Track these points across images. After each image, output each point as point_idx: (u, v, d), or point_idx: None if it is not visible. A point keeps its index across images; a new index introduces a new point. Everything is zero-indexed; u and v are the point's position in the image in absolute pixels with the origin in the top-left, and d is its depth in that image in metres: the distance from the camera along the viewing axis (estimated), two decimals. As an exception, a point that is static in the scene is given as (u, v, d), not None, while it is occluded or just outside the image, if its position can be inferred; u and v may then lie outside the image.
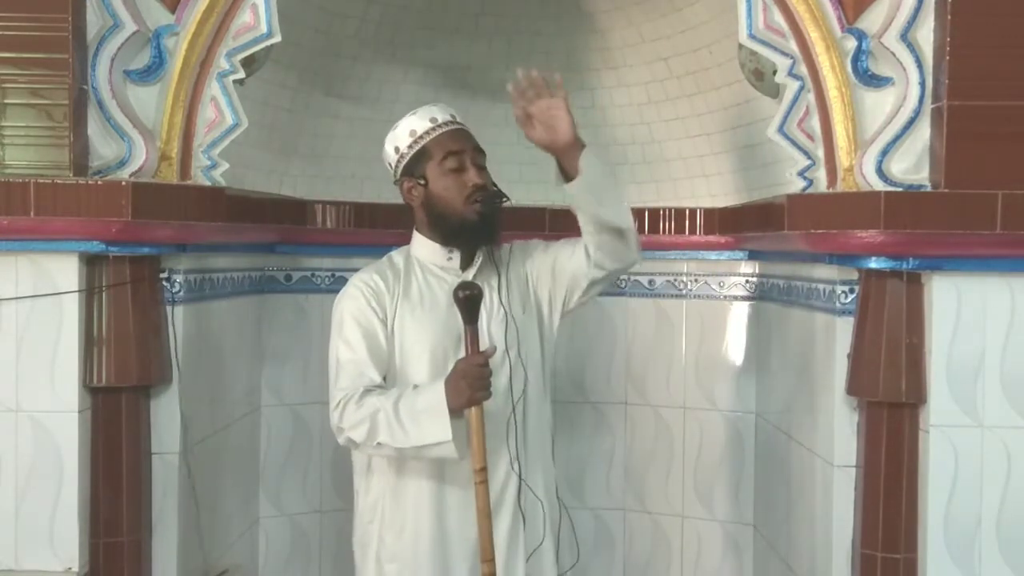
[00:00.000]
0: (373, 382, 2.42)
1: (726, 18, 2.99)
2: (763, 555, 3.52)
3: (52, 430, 2.61)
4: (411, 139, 2.54)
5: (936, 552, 2.56)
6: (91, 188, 2.52)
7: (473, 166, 2.50)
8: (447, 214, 2.50)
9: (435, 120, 2.54)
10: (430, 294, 2.52)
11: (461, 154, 2.50)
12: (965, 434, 2.54)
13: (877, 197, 2.48)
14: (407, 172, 2.55)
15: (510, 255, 2.63)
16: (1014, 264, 2.51)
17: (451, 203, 2.49)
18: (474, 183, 2.48)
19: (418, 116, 2.56)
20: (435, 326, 2.48)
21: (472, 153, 2.52)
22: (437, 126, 2.53)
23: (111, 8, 2.61)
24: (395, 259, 2.61)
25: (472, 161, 2.51)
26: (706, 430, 3.72)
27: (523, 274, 2.62)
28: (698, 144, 3.63)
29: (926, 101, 2.54)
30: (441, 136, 2.52)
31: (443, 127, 2.54)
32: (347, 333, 2.46)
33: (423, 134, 2.53)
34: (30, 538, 2.61)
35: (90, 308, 2.66)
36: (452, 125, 2.55)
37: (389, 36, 3.57)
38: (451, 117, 2.57)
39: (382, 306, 2.49)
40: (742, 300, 3.65)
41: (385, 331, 2.47)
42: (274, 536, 3.66)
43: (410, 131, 2.54)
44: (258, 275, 3.55)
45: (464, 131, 2.56)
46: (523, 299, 2.59)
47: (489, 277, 2.54)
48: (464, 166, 2.49)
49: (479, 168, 2.51)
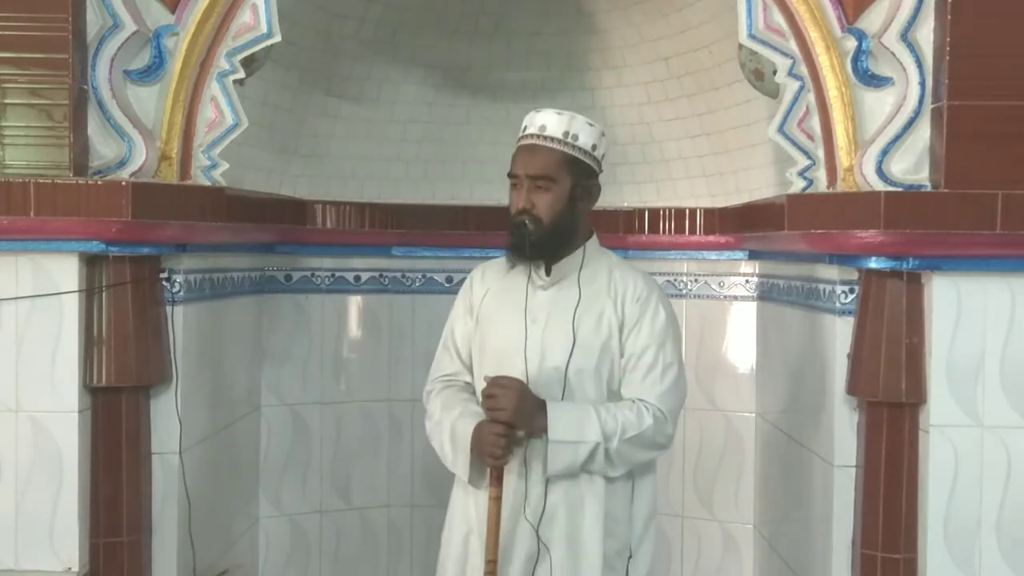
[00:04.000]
0: (446, 373, 2.62)
1: (726, 18, 2.99)
2: (763, 555, 3.52)
3: (52, 430, 2.60)
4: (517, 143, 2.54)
5: (936, 552, 2.55)
6: (91, 188, 2.52)
7: (525, 190, 2.46)
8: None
9: (525, 128, 2.52)
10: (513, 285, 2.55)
11: (516, 178, 2.48)
12: (965, 434, 2.54)
13: (877, 197, 2.48)
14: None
15: (612, 275, 2.54)
16: (1014, 264, 2.51)
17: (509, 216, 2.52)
18: (516, 208, 2.47)
19: (528, 117, 2.54)
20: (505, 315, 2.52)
21: (526, 179, 2.46)
22: (524, 136, 2.51)
23: (111, 8, 2.61)
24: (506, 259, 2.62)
25: (526, 186, 2.46)
26: (706, 430, 3.72)
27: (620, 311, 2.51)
28: (698, 144, 3.63)
29: (926, 101, 2.54)
30: (518, 148, 2.52)
31: (527, 139, 2.50)
32: (449, 320, 2.67)
33: (519, 139, 2.53)
34: (30, 538, 2.61)
35: (90, 308, 2.65)
36: (532, 139, 2.49)
37: (389, 36, 3.57)
38: (538, 130, 2.49)
39: (471, 297, 2.61)
40: (742, 300, 3.65)
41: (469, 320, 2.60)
42: (274, 536, 3.67)
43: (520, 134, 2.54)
44: (258, 275, 3.55)
45: (535, 149, 2.48)
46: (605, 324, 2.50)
47: (568, 291, 2.51)
48: (519, 186, 2.48)
49: (536, 190, 2.45)
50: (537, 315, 2.49)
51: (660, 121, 3.70)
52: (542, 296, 2.51)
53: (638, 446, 2.44)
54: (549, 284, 2.52)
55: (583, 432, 2.38)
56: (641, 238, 3.73)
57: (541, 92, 3.73)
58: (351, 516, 3.82)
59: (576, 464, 2.40)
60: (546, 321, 2.48)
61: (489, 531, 2.37)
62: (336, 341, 3.78)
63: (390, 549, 3.87)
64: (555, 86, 3.74)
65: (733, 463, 3.68)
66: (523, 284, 2.54)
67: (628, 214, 3.75)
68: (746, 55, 2.99)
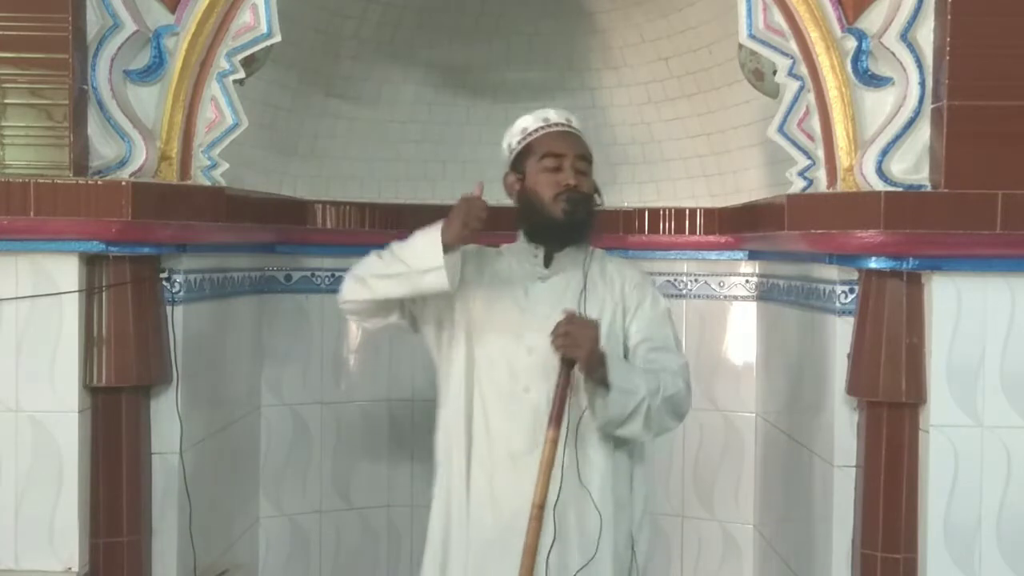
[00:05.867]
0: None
1: (726, 18, 2.99)
2: (763, 555, 3.52)
3: (52, 430, 2.60)
4: (521, 136, 2.57)
5: (936, 552, 2.55)
6: (91, 188, 2.52)
7: (572, 170, 2.49)
8: (536, 209, 2.51)
9: (547, 120, 2.56)
10: (508, 284, 2.55)
11: (561, 157, 2.50)
12: (965, 434, 2.54)
13: (877, 197, 2.48)
14: (512, 167, 2.59)
15: (605, 267, 2.59)
16: (1014, 264, 2.51)
17: (541, 198, 2.50)
18: (567, 183, 2.48)
19: (533, 116, 2.59)
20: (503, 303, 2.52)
21: (573, 159, 2.51)
22: (548, 125, 2.55)
23: (111, 8, 2.61)
24: (501, 248, 2.65)
25: (572, 166, 2.50)
26: (706, 430, 3.72)
27: (620, 296, 2.57)
28: (698, 144, 3.64)
29: (926, 101, 2.54)
30: (547, 135, 2.54)
31: (553, 127, 2.55)
32: None
33: (533, 131, 2.55)
34: (30, 538, 2.61)
35: (90, 308, 2.65)
36: (563, 127, 2.56)
37: (389, 36, 3.57)
38: (565, 121, 2.57)
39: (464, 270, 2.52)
40: (742, 300, 3.65)
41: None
42: (274, 536, 3.67)
43: (522, 128, 2.58)
44: (258, 275, 3.55)
45: (573, 135, 2.56)
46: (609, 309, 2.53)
47: (571, 279, 2.53)
48: (562, 168, 2.50)
49: (578, 173, 2.50)
50: (540, 303, 2.50)
51: (660, 121, 3.70)
52: (541, 286, 2.54)
53: (670, 409, 2.46)
54: (549, 275, 2.54)
55: (635, 383, 2.39)
56: (641, 238, 3.73)
57: (541, 92, 3.73)
58: (351, 516, 3.81)
59: (624, 415, 2.40)
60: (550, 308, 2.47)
61: (542, 473, 2.33)
62: (336, 341, 3.77)
63: (390, 549, 3.87)
64: (555, 86, 3.74)
65: (733, 463, 3.68)
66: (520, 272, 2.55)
67: (628, 214, 3.75)
68: (746, 55, 3.00)
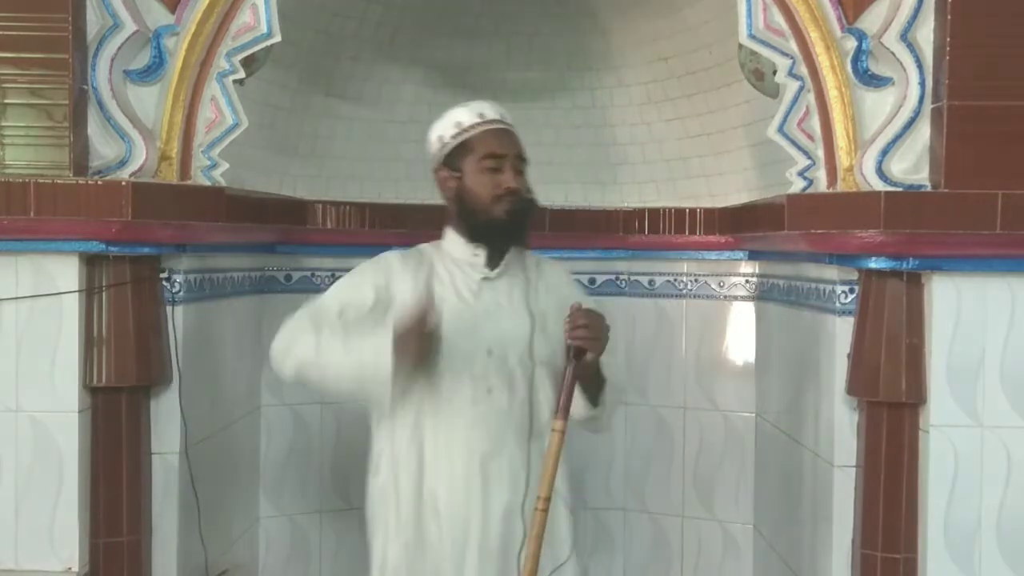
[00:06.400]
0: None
1: (726, 18, 2.99)
2: (763, 555, 3.52)
3: (52, 430, 2.61)
4: (456, 130, 2.49)
5: (936, 552, 2.55)
6: (91, 188, 2.52)
7: (512, 170, 2.46)
8: (476, 210, 2.47)
9: (483, 116, 2.50)
10: (452, 287, 2.50)
11: (502, 158, 2.46)
12: (965, 434, 2.54)
13: (877, 197, 2.48)
14: (446, 162, 2.51)
15: (540, 267, 2.59)
16: (1014, 264, 2.51)
17: (481, 200, 2.45)
18: (508, 186, 2.44)
19: (467, 109, 2.52)
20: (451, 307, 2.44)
21: (513, 159, 2.47)
22: (484, 121, 2.49)
23: (111, 8, 2.61)
24: (424, 249, 2.58)
25: (512, 166, 2.47)
26: (706, 430, 3.72)
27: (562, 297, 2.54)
28: (698, 144, 3.63)
29: (926, 101, 2.54)
30: (487, 133, 2.48)
31: (490, 124, 2.49)
32: (333, 290, 2.50)
33: (469, 127, 2.48)
34: (30, 538, 2.61)
35: (90, 308, 2.65)
36: (500, 124, 2.51)
37: (389, 36, 3.57)
38: (500, 117, 2.53)
39: (388, 288, 2.46)
40: (742, 300, 3.65)
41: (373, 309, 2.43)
42: (274, 536, 3.66)
43: (456, 122, 2.50)
44: (258, 275, 3.55)
45: (510, 133, 2.52)
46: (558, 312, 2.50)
47: (515, 279, 2.52)
48: (502, 168, 2.46)
49: (517, 173, 2.47)
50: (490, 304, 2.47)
51: (660, 121, 3.70)
52: (487, 286, 2.49)
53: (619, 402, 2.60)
54: (495, 276, 2.50)
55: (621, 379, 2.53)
56: (641, 238, 3.74)
57: (541, 92, 3.73)
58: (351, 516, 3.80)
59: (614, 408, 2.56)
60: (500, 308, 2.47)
61: (548, 466, 2.31)
62: (336, 341, 3.77)
63: (390, 549, 3.86)
64: (555, 86, 3.74)
65: (733, 463, 3.68)
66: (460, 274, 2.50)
67: (628, 214, 3.75)
68: (746, 55, 3.00)
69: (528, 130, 3.76)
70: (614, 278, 3.80)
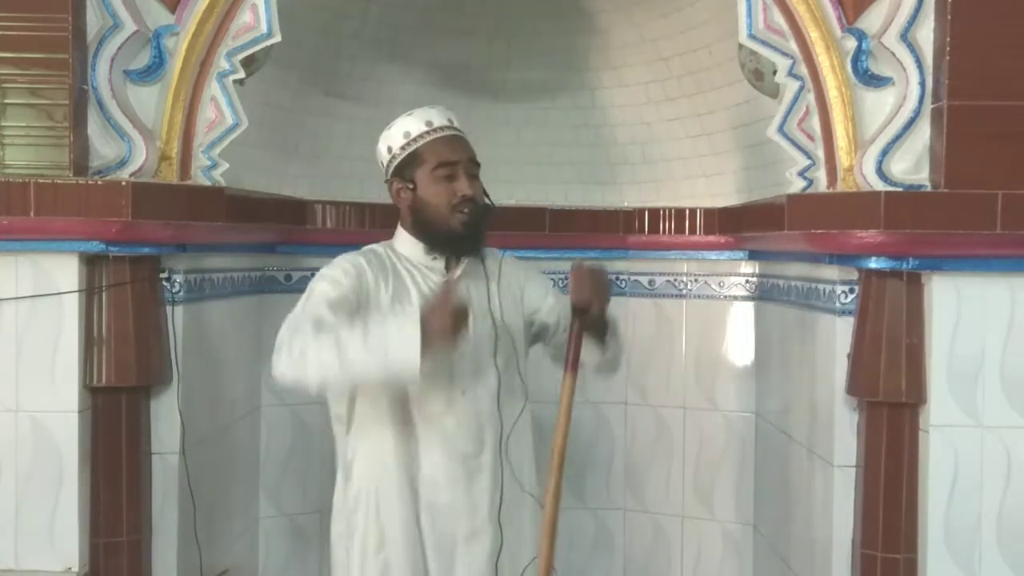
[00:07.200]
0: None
1: (726, 18, 2.99)
2: (763, 555, 3.52)
3: (52, 430, 2.61)
4: (404, 140, 2.48)
5: (936, 552, 2.56)
6: (91, 188, 2.52)
7: (465, 176, 2.44)
8: (433, 221, 2.45)
9: (431, 124, 2.48)
10: (415, 288, 2.48)
11: (454, 165, 2.44)
12: (965, 434, 2.54)
13: (877, 197, 2.48)
14: (397, 173, 2.49)
15: (502, 264, 2.58)
16: (1014, 264, 2.51)
17: (438, 210, 2.43)
18: (463, 194, 2.42)
19: (414, 117, 2.49)
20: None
21: (466, 163, 2.46)
22: (432, 130, 2.47)
23: (111, 8, 2.61)
24: (378, 251, 2.54)
25: (465, 171, 2.45)
26: (706, 430, 3.72)
27: (517, 288, 2.58)
28: (698, 144, 3.63)
29: (926, 101, 2.54)
30: (436, 142, 2.46)
31: (438, 132, 2.47)
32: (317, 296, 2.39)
33: (417, 136, 2.47)
34: (30, 538, 2.61)
35: (90, 308, 2.66)
36: (448, 131, 2.49)
37: (389, 36, 3.57)
38: (448, 122, 2.50)
39: (363, 285, 2.42)
40: (742, 300, 3.65)
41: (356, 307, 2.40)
42: (274, 536, 3.66)
43: (404, 132, 2.48)
44: (258, 275, 3.55)
45: (460, 139, 2.50)
46: (514, 309, 2.56)
47: (475, 280, 2.50)
48: (456, 175, 2.44)
49: (471, 178, 2.46)
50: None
51: (660, 121, 3.70)
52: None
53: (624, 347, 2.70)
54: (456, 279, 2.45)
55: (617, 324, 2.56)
56: (641, 238, 3.74)
57: (541, 92, 3.73)
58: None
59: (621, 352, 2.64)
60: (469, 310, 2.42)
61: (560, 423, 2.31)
62: (336, 341, 3.77)
63: (390, 549, 3.86)
64: (555, 86, 3.74)
65: (733, 463, 3.68)
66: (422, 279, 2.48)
67: (628, 214, 3.75)
68: (746, 55, 2.99)
69: (528, 130, 3.80)
70: (614, 278, 3.80)
